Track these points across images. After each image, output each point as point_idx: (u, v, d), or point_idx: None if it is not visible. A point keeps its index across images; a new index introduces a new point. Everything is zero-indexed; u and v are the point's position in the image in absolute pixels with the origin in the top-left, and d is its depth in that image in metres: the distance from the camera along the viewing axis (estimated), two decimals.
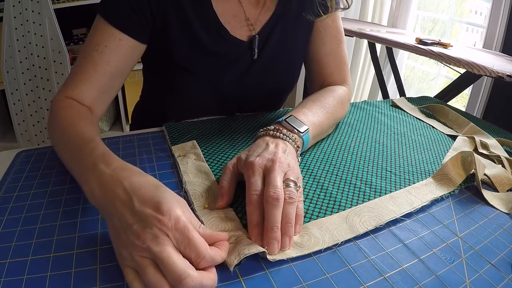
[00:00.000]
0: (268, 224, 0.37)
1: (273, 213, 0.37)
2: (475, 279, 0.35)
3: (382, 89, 1.93)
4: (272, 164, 0.42)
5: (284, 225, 0.38)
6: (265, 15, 0.67)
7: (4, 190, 0.45)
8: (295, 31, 0.70)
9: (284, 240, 0.37)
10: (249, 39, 0.67)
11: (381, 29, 1.75)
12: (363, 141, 0.63)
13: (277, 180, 0.40)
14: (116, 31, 0.56)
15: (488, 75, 1.02)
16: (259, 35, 0.67)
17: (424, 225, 0.43)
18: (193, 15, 0.61)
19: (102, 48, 0.56)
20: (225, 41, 0.65)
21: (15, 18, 1.48)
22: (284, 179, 0.41)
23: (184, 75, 0.66)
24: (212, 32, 0.63)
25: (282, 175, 0.41)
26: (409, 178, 0.52)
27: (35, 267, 0.34)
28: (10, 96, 1.61)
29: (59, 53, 1.58)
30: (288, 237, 0.37)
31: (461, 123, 0.73)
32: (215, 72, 0.67)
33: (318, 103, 0.61)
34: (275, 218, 0.37)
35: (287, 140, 0.49)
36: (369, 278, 0.35)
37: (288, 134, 0.50)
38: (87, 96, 0.57)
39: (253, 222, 0.38)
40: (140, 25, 0.58)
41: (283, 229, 0.37)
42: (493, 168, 0.55)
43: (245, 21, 0.66)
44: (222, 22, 0.63)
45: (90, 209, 0.42)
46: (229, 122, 0.67)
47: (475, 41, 1.92)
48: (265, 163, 0.42)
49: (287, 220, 0.38)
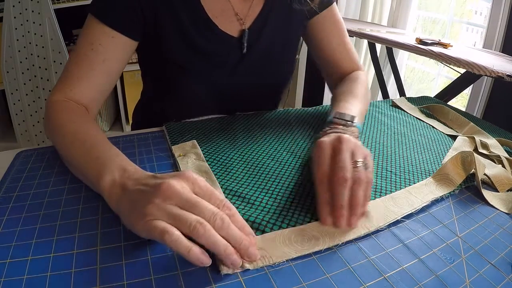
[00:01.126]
0: (337, 203, 0.40)
1: (341, 192, 0.40)
2: (475, 279, 0.35)
3: (382, 89, 1.93)
4: (339, 142, 0.44)
5: (353, 206, 0.40)
6: (255, 9, 0.68)
7: (4, 190, 0.45)
8: (288, 25, 0.71)
9: (352, 219, 0.40)
10: (239, 34, 0.67)
11: (381, 29, 1.75)
12: (363, 141, 0.63)
13: (346, 161, 0.42)
14: (108, 29, 0.57)
15: (488, 75, 1.02)
16: (249, 29, 0.67)
17: (424, 225, 0.43)
18: (182, 12, 0.62)
19: (97, 46, 0.57)
20: (214, 36, 0.65)
21: (15, 18, 1.48)
22: (353, 160, 0.43)
23: (177, 72, 0.67)
24: (201, 28, 0.64)
25: (350, 155, 0.43)
26: (409, 178, 0.52)
27: (35, 267, 0.34)
28: (10, 96, 1.61)
29: (59, 53, 1.58)
30: (355, 217, 0.40)
31: (461, 123, 0.73)
32: (206, 67, 0.67)
33: (351, 94, 0.64)
34: (343, 197, 0.40)
35: (347, 133, 0.50)
36: (369, 278, 0.35)
37: (345, 128, 0.53)
38: (85, 95, 0.57)
39: (323, 200, 0.41)
40: (132, 22, 0.59)
41: (352, 209, 0.40)
42: (493, 168, 0.55)
43: (234, 16, 0.67)
44: (210, 17, 0.64)
45: (90, 209, 0.42)
46: (230, 122, 0.67)
47: (475, 41, 1.92)
48: (332, 141, 0.44)
49: (356, 201, 0.40)
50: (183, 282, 0.33)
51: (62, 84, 0.57)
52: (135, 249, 0.36)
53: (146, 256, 0.36)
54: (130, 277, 0.33)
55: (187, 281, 0.33)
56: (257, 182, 0.49)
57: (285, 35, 0.71)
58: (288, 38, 0.72)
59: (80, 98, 0.57)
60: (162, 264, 0.35)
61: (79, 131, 0.50)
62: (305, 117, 0.72)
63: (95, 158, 0.44)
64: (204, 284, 0.33)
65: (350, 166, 0.42)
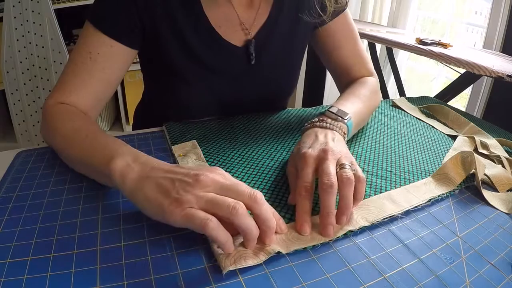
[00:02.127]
0: (324, 210, 0.39)
1: (327, 199, 0.39)
2: (475, 279, 0.35)
3: (382, 89, 1.92)
4: (324, 154, 0.44)
5: (341, 207, 0.40)
6: (260, 19, 0.66)
7: (4, 190, 0.45)
8: (294, 34, 0.69)
9: (341, 219, 0.40)
10: (244, 43, 0.66)
11: (381, 29, 1.75)
12: (363, 141, 0.63)
13: (330, 168, 0.42)
14: (107, 38, 0.56)
15: (488, 75, 1.02)
16: (255, 39, 0.66)
17: (424, 225, 0.43)
18: (184, 21, 0.60)
19: (95, 55, 0.56)
20: (217, 46, 0.64)
21: (15, 18, 1.48)
22: (338, 164, 0.43)
23: (179, 82, 0.66)
24: (203, 38, 0.62)
25: (335, 163, 0.43)
26: (409, 178, 0.52)
27: (35, 267, 0.34)
28: (10, 96, 1.61)
29: (59, 53, 1.58)
30: (345, 216, 0.40)
31: (461, 123, 0.73)
32: (208, 78, 0.66)
33: (353, 94, 0.64)
34: (329, 205, 0.39)
35: (334, 128, 0.51)
36: (369, 278, 0.35)
37: (334, 122, 0.52)
38: (83, 103, 0.56)
39: (303, 210, 0.40)
40: (131, 31, 0.58)
41: (340, 210, 0.40)
42: (493, 168, 0.55)
43: (239, 25, 0.65)
44: (214, 26, 0.62)
45: (90, 209, 0.42)
46: (230, 122, 0.67)
47: (475, 41, 1.92)
48: (317, 154, 0.44)
49: (344, 202, 0.40)
50: (183, 282, 0.33)
51: (60, 90, 0.56)
52: (135, 249, 0.36)
53: (146, 256, 0.36)
54: (130, 277, 0.33)
55: (187, 281, 0.33)
56: (257, 182, 0.49)
57: (291, 44, 0.70)
58: (294, 47, 0.71)
59: (78, 105, 0.56)
60: (162, 264, 0.35)
61: (80, 127, 0.49)
62: (305, 117, 0.72)
63: (102, 148, 0.43)
64: (204, 284, 0.33)
65: (334, 172, 0.41)
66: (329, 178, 0.40)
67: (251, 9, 0.65)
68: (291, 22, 0.68)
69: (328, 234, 0.39)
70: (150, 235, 0.38)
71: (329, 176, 0.40)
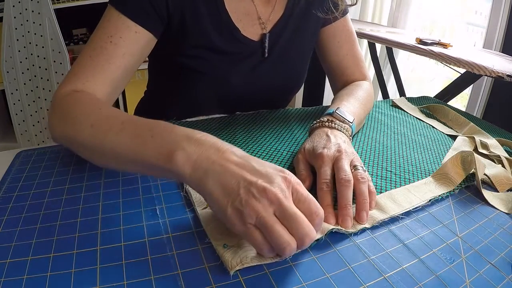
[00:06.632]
0: (342, 203, 0.42)
1: (346, 193, 0.42)
2: (475, 279, 0.35)
3: (382, 89, 1.93)
4: (339, 154, 0.47)
5: (361, 202, 0.43)
6: (276, 14, 0.68)
7: (4, 190, 0.45)
8: (304, 29, 0.72)
9: (362, 215, 0.42)
10: (259, 37, 0.68)
11: (381, 29, 1.75)
12: (363, 141, 0.63)
13: (345, 166, 0.45)
14: (132, 24, 0.54)
15: (488, 75, 1.02)
16: (270, 33, 0.68)
17: (424, 225, 0.43)
18: (206, 13, 0.61)
19: (117, 39, 0.54)
20: (236, 40, 0.65)
21: (15, 18, 1.48)
22: (352, 165, 0.46)
23: (191, 74, 0.66)
24: (223, 32, 0.64)
25: (349, 162, 0.47)
26: (409, 178, 0.52)
27: (35, 267, 0.34)
28: (10, 96, 1.61)
29: (59, 53, 1.58)
30: (365, 212, 0.42)
31: (461, 123, 0.73)
32: (223, 71, 0.67)
33: (352, 96, 0.66)
34: (347, 197, 0.42)
35: (342, 130, 0.54)
36: (369, 278, 0.35)
37: (341, 124, 0.55)
38: (100, 90, 0.52)
39: (324, 203, 0.42)
40: (157, 20, 0.58)
41: (361, 205, 0.42)
42: (493, 168, 0.55)
43: (257, 19, 0.67)
44: (234, 21, 0.64)
45: (90, 209, 0.42)
46: (229, 121, 0.67)
47: (475, 41, 1.92)
48: (333, 154, 0.47)
49: (363, 197, 0.43)
50: (183, 282, 0.33)
51: (74, 77, 0.52)
52: (135, 249, 0.36)
53: (146, 256, 0.35)
54: (130, 277, 0.33)
55: (187, 281, 0.33)
56: None
57: (302, 40, 0.72)
58: (304, 43, 0.73)
59: (93, 92, 0.51)
60: (162, 264, 0.35)
61: (111, 114, 0.44)
62: (305, 117, 0.72)
63: (149, 137, 0.39)
64: (204, 284, 0.33)
65: (350, 170, 0.45)
66: (346, 173, 0.44)
67: (268, 4, 0.68)
68: (304, 17, 0.70)
69: (346, 226, 0.40)
70: (150, 235, 0.38)
71: (345, 172, 0.44)
